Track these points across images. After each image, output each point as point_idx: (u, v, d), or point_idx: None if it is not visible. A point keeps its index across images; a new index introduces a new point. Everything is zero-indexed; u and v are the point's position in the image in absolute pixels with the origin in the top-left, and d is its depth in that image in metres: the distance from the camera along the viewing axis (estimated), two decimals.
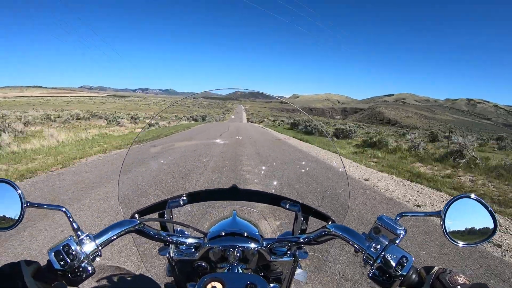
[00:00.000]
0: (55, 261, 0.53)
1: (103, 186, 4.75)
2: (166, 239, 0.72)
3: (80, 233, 0.58)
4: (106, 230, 0.62)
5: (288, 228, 0.97)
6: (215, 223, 0.81)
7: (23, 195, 0.57)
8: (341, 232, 0.64)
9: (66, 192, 4.45)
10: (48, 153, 7.87)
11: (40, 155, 7.54)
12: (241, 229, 0.75)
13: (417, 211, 1.01)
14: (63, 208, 0.59)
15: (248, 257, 0.72)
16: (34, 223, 3.15)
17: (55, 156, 7.41)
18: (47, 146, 8.93)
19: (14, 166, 6.24)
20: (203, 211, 1.31)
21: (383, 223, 0.59)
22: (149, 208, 0.85)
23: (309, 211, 0.88)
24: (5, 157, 7.11)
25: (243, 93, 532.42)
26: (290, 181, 4.17)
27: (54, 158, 7.13)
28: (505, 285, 2.32)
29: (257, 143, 7.42)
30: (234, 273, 0.67)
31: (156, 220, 0.80)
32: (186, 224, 0.76)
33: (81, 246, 0.56)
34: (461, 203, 0.58)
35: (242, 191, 0.96)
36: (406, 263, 0.54)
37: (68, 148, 8.94)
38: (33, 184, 4.92)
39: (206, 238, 0.72)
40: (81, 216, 3.44)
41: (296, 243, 0.74)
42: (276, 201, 0.93)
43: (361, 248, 0.60)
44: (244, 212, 0.95)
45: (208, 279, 0.56)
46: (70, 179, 5.21)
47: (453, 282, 0.48)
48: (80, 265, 0.55)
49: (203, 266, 0.72)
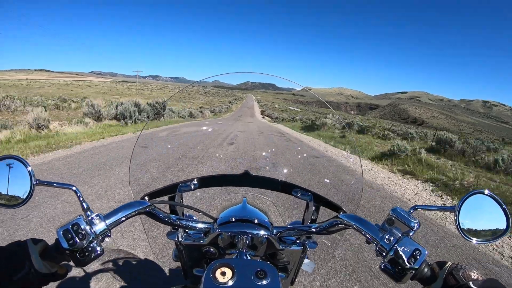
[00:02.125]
0: (63, 240, 0.52)
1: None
2: (175, 222, 0.71)
3: (89, 212, 0.57)
4: (116, 210, 0.61)
5: (298, 218, 0.96)
6: (225, 209, 0.81)
7: (33, 173, 0.56)
8: (353, 222, 0.64)
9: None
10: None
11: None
12: (251, 216, 0.74)
13: (431, 205, 0.99)
14: (73, 187, 0.58)
15: (257, 244, 0.72)
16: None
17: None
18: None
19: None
20: (214, 196, 1.31)
21: (397, 215, 0.59)
22: (159, 191, 0.84)
23: (321, 201, 0.87)
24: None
25: (254, 84, 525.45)
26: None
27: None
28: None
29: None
30: (244, 259, 0.66)
31: (167, 203, 0.80)
32: (196, 208, 0.75)
33: (90, 226, 0.55)
34: (475, 199, 0.58)
35: (254, 178, 0.95)
36: (419, 256, 0.53)
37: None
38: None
39: (216, 224, 0.71)
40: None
41: (307, 232, 0.73)
42: (287, 189, 0.92)
43: (374, 239, 0.59)
44: (255, 200, 0.95)
45: (218, 265, 0.55)
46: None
47: (466, 278, 0.49)
48: (89, 245, 0.54)
49: (211, 251, 0.72)
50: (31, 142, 6.48)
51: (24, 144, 6.11)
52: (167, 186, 0.87)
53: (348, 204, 0.93)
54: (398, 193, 4.73)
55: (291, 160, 1.34)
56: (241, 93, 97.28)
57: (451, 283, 0.50)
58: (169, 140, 3.84)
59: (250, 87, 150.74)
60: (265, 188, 0.96)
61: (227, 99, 59.68)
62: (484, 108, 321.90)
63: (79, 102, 20.08)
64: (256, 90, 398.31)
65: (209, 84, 75.53)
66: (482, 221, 0.59)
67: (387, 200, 4.18)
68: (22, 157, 0.57)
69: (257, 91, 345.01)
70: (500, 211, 0.57)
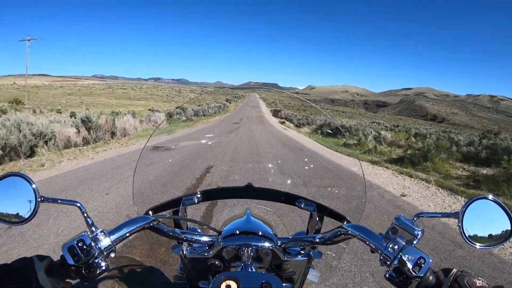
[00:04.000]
0: (68, 256, 0.53)
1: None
2: (180, 236, 0.71)
3: (94, 228, 0.57)
4: (120, 226, 0.62)
5: (301, 229, 0.95)
6: (229, 222, 0.80)
7: (37, 190, 0.57)
8: (358, 232, 0.64)
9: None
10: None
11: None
12: (255, 228, 0.74)
13: (434, 212, 0.99)
14: (77, 203, 0.58)
15: (262, 256, 0.71)
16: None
17: None
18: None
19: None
20: (218, 208, 1.31)
21: (400, 223, 0.59)
22: (163, 205, 0.84)
23: (325, 211, 0.87)
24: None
25: (256, 83, 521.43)
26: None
27: None
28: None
29: None
30: (248, 272, 0.66)
31: (170, 218, 0.80)
32: (200, 222, 0.75)
33: (95, 242, 0.56)
34: (479, 204, 0.58)
35: (256, 190, 0.94)
36: (424, 264, 0.53)
37: None
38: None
39: (220, 237, 0.71)
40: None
41: (311, 242, 0.73)
42: (291, 200, 0.91)
43: (378, 248, 0.59)
44: (259, 211, 0.95)
45: (223, 278, 0.55)
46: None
47: (472, 285, 0.48)
48: (94, 261, 0.55)
49: (216, 264, 0.72)
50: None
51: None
52: (170, 200, 0.87)
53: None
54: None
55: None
56: (242, 91, 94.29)
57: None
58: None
59: (252, 87, 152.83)
60: (268, 200, 0.96)
61: (224, 97, 47.58)
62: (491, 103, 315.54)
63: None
64: (258, 90, 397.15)
65: (210, 85, 73.79)
66: (486, 226, 0.58)
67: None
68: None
69: (260, 90, 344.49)
70: (504, 215, 0.57)
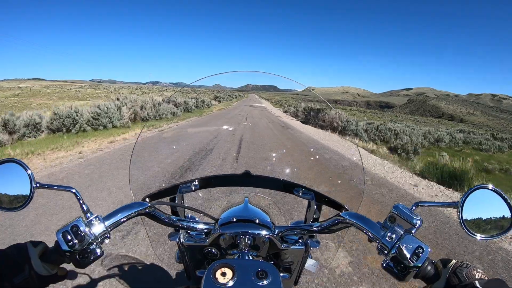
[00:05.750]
0: (63, 242, 0.53)
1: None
2: (176, 224, 0.71)
3: (89, 214, 0.57)
4: (115, 212, 0.61)
5: (300, 217, 0.95)
6: (226, 209, 0.80)
7: (33, 176, 0.57)
8: (355, 220, 0.63)
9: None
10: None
11: None
12: (252, 216, 0.74)
13: (433, 201, 0.97)
14: (73, 189, 0.58)
15: (259, 244, 0.71)
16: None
17: None
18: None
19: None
20: (215, 196, 1.30)
21: (399, 212, 0.58)
22: (160, 192, 0.84)
23: (323, 199, 0.86)
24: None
25: (255, 86, 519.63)
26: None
27: None
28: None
29: None
30: (244, 259, 0.66)
31: (167, 204, 0.80)
32: (197, 209, 0.75)
33: (90, 228, 0.56)
34: (479, 194, 0.57)
35: (254, 177, 0.94)
36: (422, 254, 0.52)
37: None
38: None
39: (217, 224, 0.71)
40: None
41: (308, 231, 0.73)
42: (289, 188, 0.91)
43: (376, 237, 0.58)
44: (257, 199, 0.94)
45: (218, 265, 0.55)
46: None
47: (470, 277, 0.48)
48: (89, 247, 0.55)
49: (213, 252, 0.72)
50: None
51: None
52: (167, 187, 0.86)
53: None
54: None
55: None
56: (241, 92, 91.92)
57: (454, 282, 0.49)
58: None
59: (251, 90, 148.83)
60: (266, 188, 0.96)
61: (208, 97, 30.42)
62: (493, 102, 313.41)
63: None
64: (258, 92, 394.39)
65: (209, 88, 72.70)
66: (486, 216, 0.57)
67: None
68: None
69: (259, 92, 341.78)
70: (505, 205, 0.56)
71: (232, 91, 72.76)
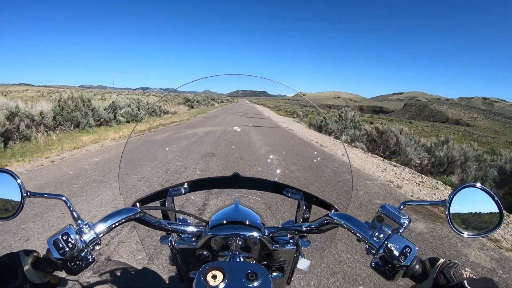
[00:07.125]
0: (54, 250, 0.53)
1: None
2: (167, 227, 0.72)
3: (80, 222, 0.58)
4: (105, 218, 0.62)
5: (291, 217, 0.96)
6: (217, 211, 0.81)
7: (23, 185, 0.57)
8: (343, 220, 0.63)
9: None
10: None
11: None
12: (243, 217, 0.75)
13: (421, 199, 0.98)
14: (63, 197, 0.59)
15: (250, 245, 0.72)
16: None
17: None
18: None
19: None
20: (206, 199, 1.28)
21: (386, 212, 0.59)
22: (150, 197, 0.84)
23: (312, 200, 0.87)
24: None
25: (245, 92, 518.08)
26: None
27: None
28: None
29: None
30: (234, 261, 0.67)
31: (157, 209, 0.80)
32: (187, 212, 0.75)
33: (80, 235, 0.56)
34: (467, 192, 0.57)
35: (243, 179, 0.95)
36: (410, 253, 0.53)
37: None
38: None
39: (208, 227, 0.72)
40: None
41: (298, 231, 0.73)
42: (278, 189, 0.92)
43: (364, 237, 0.59)
44: (247, 201, 0.95)
45: (208, 268, 0.55)
46: None
47: (458, 276, 0.48)
48: (80, 254, 0.55)
49: (204, 254, 0.72)
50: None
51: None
52: (157, 191, 0.87)
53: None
54: None
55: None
56: (230, 97, 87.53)
57: (442, 282, 0.49)
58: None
59: (241, 95, 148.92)
60: (256, 189, 0.96)
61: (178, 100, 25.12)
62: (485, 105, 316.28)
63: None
64: (248, 98, 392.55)
65: (200, 94, 70.57)
66: (474, 214, 0.58)
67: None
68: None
69: (250, 98, 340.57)
70: (493, 204, 0.56)
71: (222, 96, 68.19)
